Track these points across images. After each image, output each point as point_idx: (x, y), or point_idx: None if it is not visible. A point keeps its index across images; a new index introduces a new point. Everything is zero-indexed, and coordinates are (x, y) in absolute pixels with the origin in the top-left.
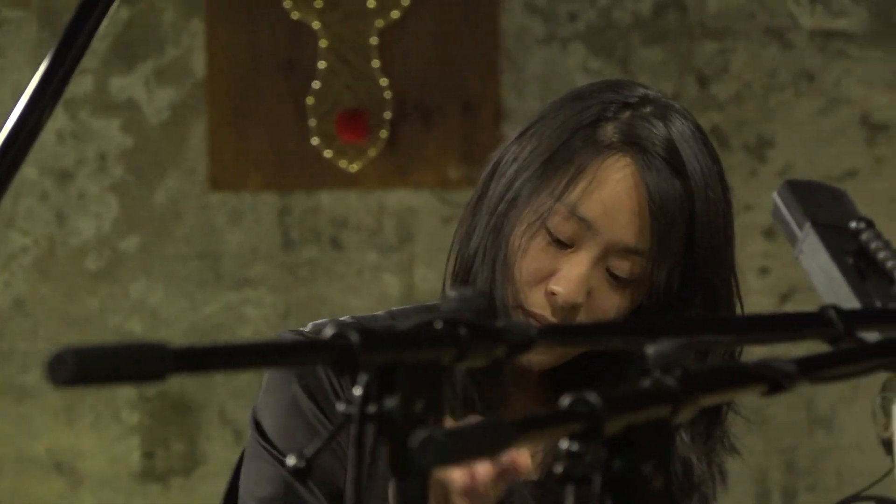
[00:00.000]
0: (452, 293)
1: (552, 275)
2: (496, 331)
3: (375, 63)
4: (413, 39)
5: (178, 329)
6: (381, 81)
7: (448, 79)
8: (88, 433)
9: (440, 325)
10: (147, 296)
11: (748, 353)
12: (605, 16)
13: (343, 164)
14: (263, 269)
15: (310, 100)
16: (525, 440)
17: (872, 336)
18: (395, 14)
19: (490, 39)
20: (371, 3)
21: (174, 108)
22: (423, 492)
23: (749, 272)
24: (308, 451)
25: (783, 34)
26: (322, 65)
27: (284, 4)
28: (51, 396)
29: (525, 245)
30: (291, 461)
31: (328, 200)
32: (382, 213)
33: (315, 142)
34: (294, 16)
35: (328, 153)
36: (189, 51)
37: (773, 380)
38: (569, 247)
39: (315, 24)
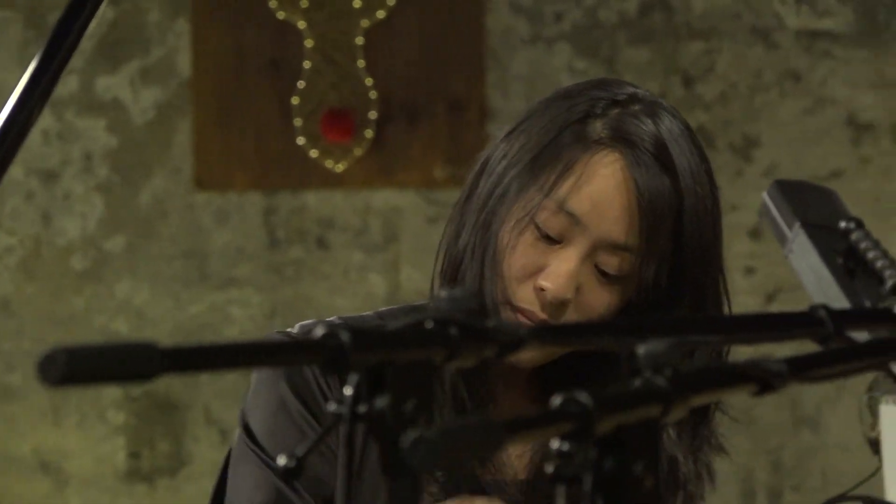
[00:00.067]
0: (443, 293)
1: (541, 271)
2: (486, 331)
3: (361, 63)
4: (398, 39)
5: (164, 329)
6: (367, 81)
7: (433, 79)
8: (74, 433)
9: (430, 325)
10: (133, 296)
11: (732, 353)
12: (591, 16)
13: (329, 164)
14: (249, 269)
15: (295, 99)
16: (516, 440)
17: (862, 336)
18: (381, 14)
19: (476, 39)
20: (357, 3)
21: (160, 108)
22: (415, 492)
23: (735, 272)
24: (299, 452)
25: (769, 34)
26: (307, 64)
27: (270, 4)
28: (36, 396)
29: (514, 241)
30: (282, 461)
31: (314, 200)
32: (368, 213)
33: (301, 141)
34: (279, 15)
35: (314, 153)
36: (174, 51)
37: (764, 380)
38: (557, 242)
39: (300, 24)
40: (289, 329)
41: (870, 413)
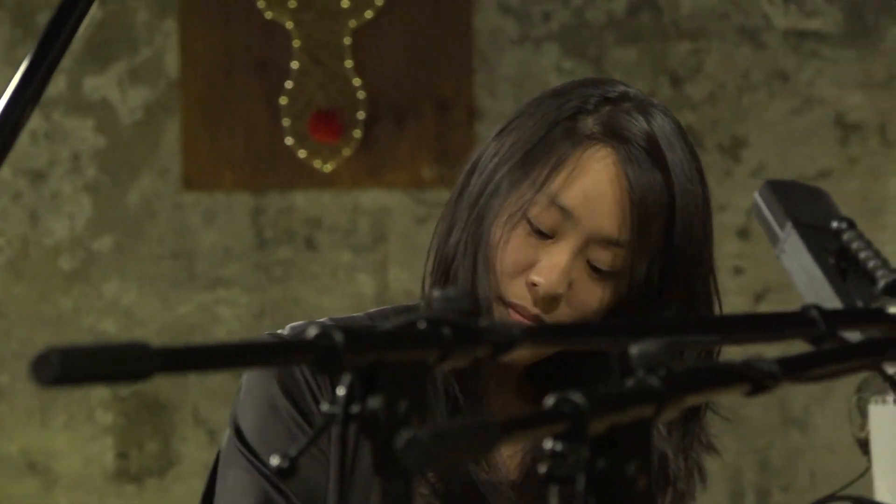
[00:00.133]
0: (436, 293)
1: (532, 266)
2: (479, 331)
3: (349, 63)
4: (386, 39)
5: (152, 329)
6: (355, 81)
7: (421, 79)
8: (62, 433)
9: (424, 326)
10: (121, 296)
11: (718, 354)
12: (579, 16)
13: (317, 164)
14: (237, 269)
15: (283, 100)
16: (510, 440)
17: (854, 336)
18: (369, 14)
19: (463, 39)
20: (344, 3)
21: (147, 108)
22: (408, 492)
23: (723, 272)
24: (292, 452)
25: (757, 34)
26: (295, 65)
27: (258, 4)
28: (24, 396)
29: (506, 236)
30: (275, 462)
31: (302, 200)
32: (356, 213)
33: (289, 142)
34: (267, 16)
35: (302, 153)
36: (162, 51)
37: (757, 380)
38: (549, 237)
39: (288, 24)
40: (279, 331)
41: (859, 413)
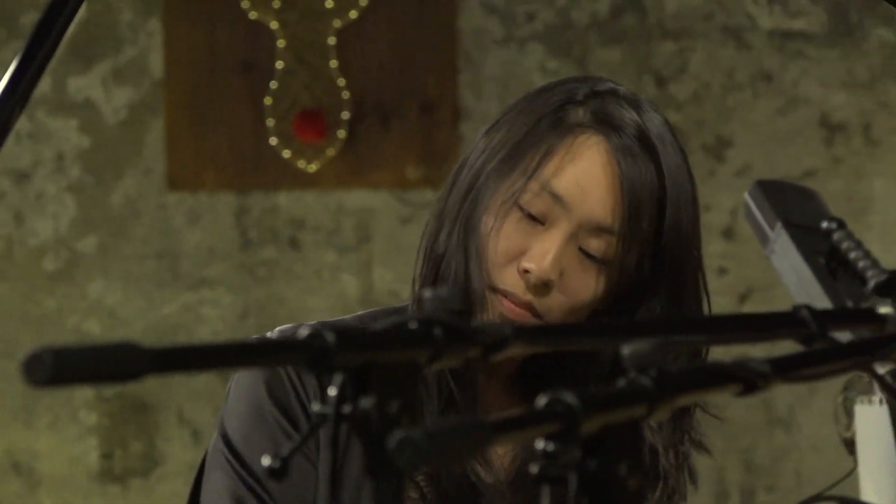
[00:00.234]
0: (427, 293)
1: (524, 253)
2: (471, 331)
3: (333, 63)
4: (371, 40)
5: (136, 329)
6: (339, 81)
7: (406, 79)
8: (46, 434)
9: (415, 326)
10: (105, 296)
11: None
12: (563, 16)
13: (301, 165)
14: (221, 270)
15: (268, 100)
16: (502, 440)
17: (845, 336)
18: (353, 14)
19: (448, 40)
20: (329, 4)
21: (132, 108)
22: (400, 492)
23: (707, 272)
24: (284, 452)
25: (741, 34)
26: (280, 65)
27: (242, 4)
28: (8, 397)
29: (497, 224)
30: (266, 462)
31: (286, 200)
32: (341, 214)
33: (273, 142)
34: (252, 16)
35: (286, 153)
36: (146, 51)
37: (748, 380)
38: (541, 224)
39: (273, 24)
40: (267, 334)
41: (845, 413)
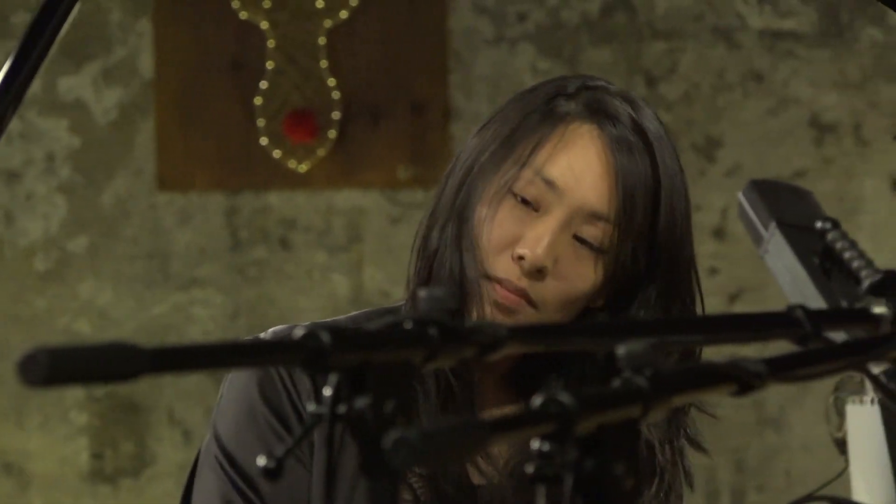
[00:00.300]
0: (422, 293)
1: (518, 240)
2: (466, 331)
3: (324, 63)
4: (361, 40)
5: (127, 329)
6: (330, 81)
7: (396, 79)
8: (37, 434)
9: (410, 326)
10: (95, 296)
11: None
12: (554, 16)
13: (292, 165)
14: (212, 270)
15: (258, 100)
16: (498, 441)
17: (839, 336)
18: (344, 14)
19: (438, 40)
20: (319, 4)
21: (122, 109)
22: (395, 492)
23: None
24: (279, 452)
25: (731, 34)
26: (270, 65)
27: (232, 4)
28: None
29: (491, 212)
30: (261, 462)
31: (277, 201)
32: (331, 214)
33: (263, 142)
34: (242, 16)
35: (277, 153)
36: (137, 51)
37: (744, 380)
38: (535, 211)
39: (263, 24)
40: (261, 335)
41: (836, 413)
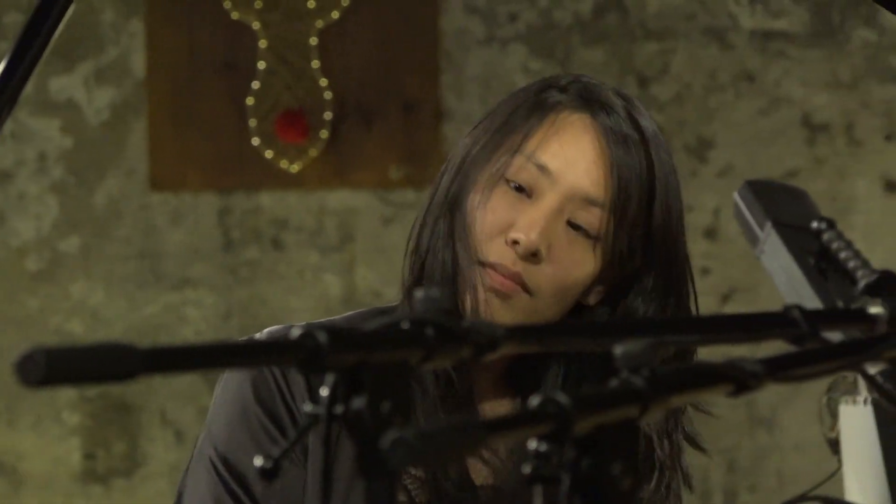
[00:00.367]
0: (418, 293)
1: (511, 226)
2: (463, 331)
3: (315, 63)
4: (353, 40)
5: (119, 329)
6: (321, 82)
7: (388, 79)
8: (29, 434)
9: (407, 326)
10: (87, 296)
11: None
12: (546, 16)
13: (283, 165)
14: (204, 270)
15: (250, 100)
16: (495, 441)
17: (835, 336)
18: (335, 14)
19: (430, 40)
20: (311, 4)
21: (114, 109)
22: (392, 492)
23: None
24: (275, 452)
25: (723, 35)
26: (262, 65)
27: (224, 4)
28: None
29: (484, 198)
30: (258, 462)
31: (269, 201)
32: (323, 214)
33: (255, 142)
34: (234, 16)
35: (269, 153)
36: (129, 51)
37: (740, 380)
38: (528, 197)
39: (255, 25)
40: (256, 335)
41: (829, 414)
